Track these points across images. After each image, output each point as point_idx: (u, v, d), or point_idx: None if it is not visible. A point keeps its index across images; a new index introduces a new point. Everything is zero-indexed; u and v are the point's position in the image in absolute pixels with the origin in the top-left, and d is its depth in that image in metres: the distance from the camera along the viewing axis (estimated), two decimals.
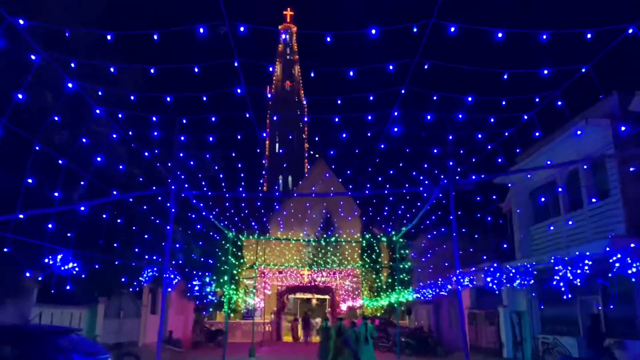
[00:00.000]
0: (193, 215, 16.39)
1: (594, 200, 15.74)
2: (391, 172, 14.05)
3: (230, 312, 41.31)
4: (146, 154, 11.68)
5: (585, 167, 15.57)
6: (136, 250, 16.18)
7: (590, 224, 16.03)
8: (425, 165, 12.76)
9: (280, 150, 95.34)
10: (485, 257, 24.91)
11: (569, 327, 17.90)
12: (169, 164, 10.43)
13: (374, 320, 32.06)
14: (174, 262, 16.56)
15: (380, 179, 16.24)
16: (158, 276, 14.40)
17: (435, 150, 10.70)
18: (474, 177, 10.12)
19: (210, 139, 11.85)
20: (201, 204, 13.21)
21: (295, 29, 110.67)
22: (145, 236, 14.05)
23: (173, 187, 9.91)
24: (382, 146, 10.94)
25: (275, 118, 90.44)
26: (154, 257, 13.42)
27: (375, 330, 17.28)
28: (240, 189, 12.06)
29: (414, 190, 10.41)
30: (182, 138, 10.82)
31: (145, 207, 13.77)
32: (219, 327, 34.40)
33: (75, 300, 18.49)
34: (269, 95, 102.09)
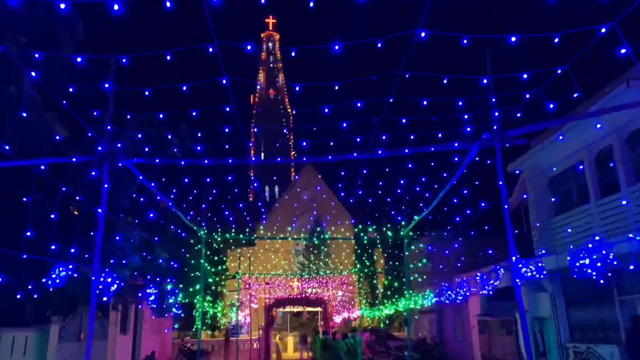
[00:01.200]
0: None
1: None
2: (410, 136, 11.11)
3: (213, 330, 38.20)
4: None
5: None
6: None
7: (633, 209, 13.53)
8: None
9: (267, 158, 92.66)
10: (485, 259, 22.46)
11: (606, 332, 15.31)
12: (107, 127, 7.71)
13: (372, 334, 29.25)
14: (113, 262, 13.58)
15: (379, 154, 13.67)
16: (79, 278, 11.46)
17: (460, 104, 8.08)
18: (526, 126, 7.51)
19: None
20: (153, 184, 10.42)
21: (278, 37, 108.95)
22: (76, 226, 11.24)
23: (101, 149, 7.21)
24: (391, 100, 8.38)
25: (255, 130, 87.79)
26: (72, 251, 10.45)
27: (360, 344, 16.85)
28: (206, 160, 9.33)
29: (443, 148, 7.74)
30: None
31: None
32: (202, 346, 31.36)
33: (19, 320, 15.49)
34: (255, 108, 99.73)
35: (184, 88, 8.99)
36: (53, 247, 9.65)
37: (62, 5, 6.16)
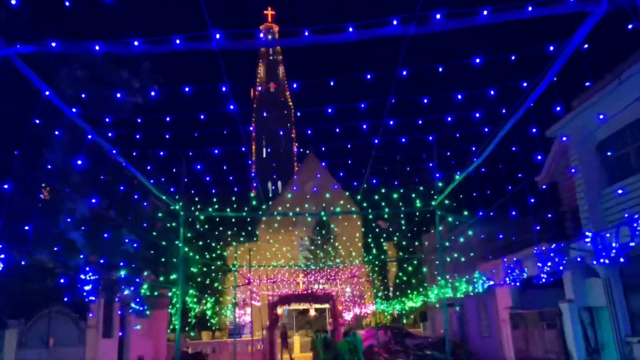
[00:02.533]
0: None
1: None
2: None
3: (214, 330, 35.46)
4: None
5: None
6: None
7: None
8: None
9: (269, 149, 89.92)
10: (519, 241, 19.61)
11: None
12: None
13: (386, 331, 26.42)
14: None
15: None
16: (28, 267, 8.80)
17: None
18: None
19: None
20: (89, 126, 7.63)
21: (278, 29, 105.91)
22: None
23: None
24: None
25: (251, 129, 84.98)
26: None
27: (361, 342, 15.78)
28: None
29: (548, 12, 4.92)
30: None
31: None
32: (200, 349, 28.64)
33: None
34: (257, 100, 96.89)
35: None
36: None
37: None
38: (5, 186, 6.88)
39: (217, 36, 6.53)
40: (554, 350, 16.59)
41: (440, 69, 8.04)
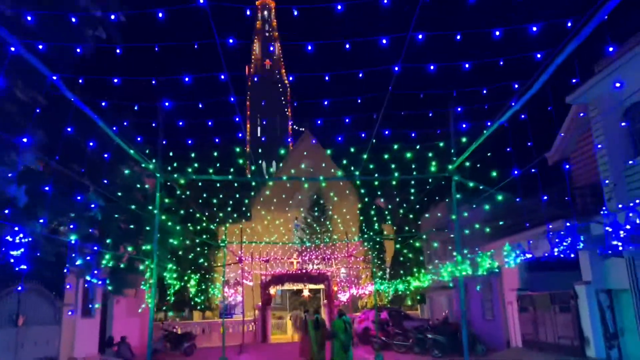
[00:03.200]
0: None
1: None
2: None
3: (200, 309, 34.29)
4: None
5: None
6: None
7: None
8: None
9: (263, 138, 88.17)
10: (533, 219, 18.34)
11: None
12: None
13: (394, 313, 25.24)
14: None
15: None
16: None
17: None
18: None
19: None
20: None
21: (274, 4, 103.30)
22: None
23: None
24: None
25: (243, 104, 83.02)
26: None
27: (350, 325, 15.70)
28: None
29: None
30: None
31: None
32: (190, 329, 27.44)
33: None
34: (252, 78, 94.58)
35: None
36: None
37: None
38: None
39: None
40: (568, 335, 15.43)
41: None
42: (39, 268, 11.04)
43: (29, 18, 6.86)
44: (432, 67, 10.22)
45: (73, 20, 8.28)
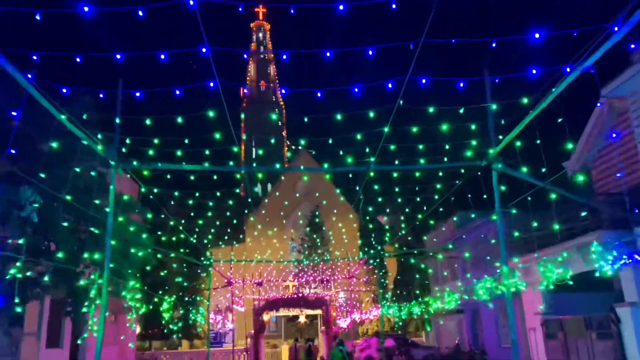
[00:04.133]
0: None
1: None
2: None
3: (182, 338, 31.73)
4: None
5: None
6: None
7: None
8: None
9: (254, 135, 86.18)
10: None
11: None
12: None
13: (400, 340, 22.96)
14: None
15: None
16: None
17: None
18: None
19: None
20: None
21: (269, 27, 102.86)
22: None
23: None
24: None
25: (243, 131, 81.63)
26: None
27: (348, 354, 15.22)
28: None
29: None
30: None
31: None
32: (159, 357, 24.86)
33: None
34: (244, 102, 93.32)
35: None
36: None
37: None
38: None
39: None
40: None
41: None
42: None
43: None
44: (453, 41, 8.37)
45: None
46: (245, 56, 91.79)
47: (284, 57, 7.81)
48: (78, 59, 8.51)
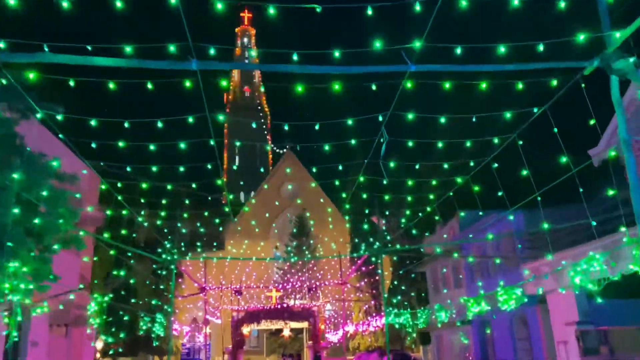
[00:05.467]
0: None
1: None
2: None
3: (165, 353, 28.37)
4: None
5: None
6: None
7: None
8: None
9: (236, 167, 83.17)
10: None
11: None
12: None
13: (400, 357, 20.04)
14: None
15: None
16: None
17: None
18: None
19: None
20: None
21: (254, 32, 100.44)
22: None
23: None
24: None
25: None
26: None
27: None
28: None
29: None
30: None
31: None
32: None
33: None
34: (228, 107, 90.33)
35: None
36: None
37: None
38: None
39: None
40: None
41: None
42: None
43: None
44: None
45: None
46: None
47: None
48: None
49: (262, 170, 68.42)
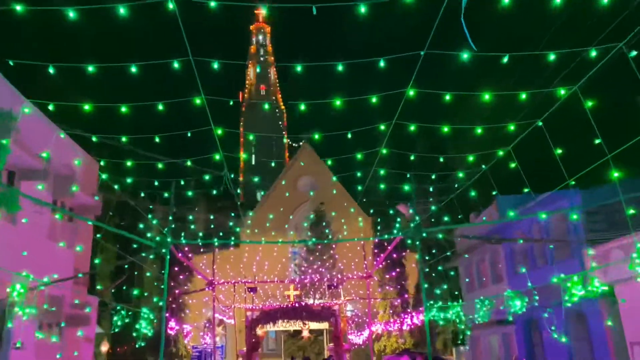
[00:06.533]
0: None
1: None
2: None
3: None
4: None
5: None
6: None
7: None
8: None
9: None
10: None
11: None
12: None
13: (416, 357, 17.65)
14: None
15: None
16: None
17: None
18: None
19: None
20: None
21: (270, 29, 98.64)
22: None
23: None
24: None
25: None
26: None
27: None
28: None
29: None
30: None
31: None
32: None
33: None
34: (244, 106, 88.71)
35: None
36: None
37: None
38: None
39: None
40: None
41: None
42: None
43: None
44: None
45: None
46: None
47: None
48: None
49: (275, 165, 66.61)
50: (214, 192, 17.02)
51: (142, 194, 16.26)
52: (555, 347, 16.29)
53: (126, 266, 17.03)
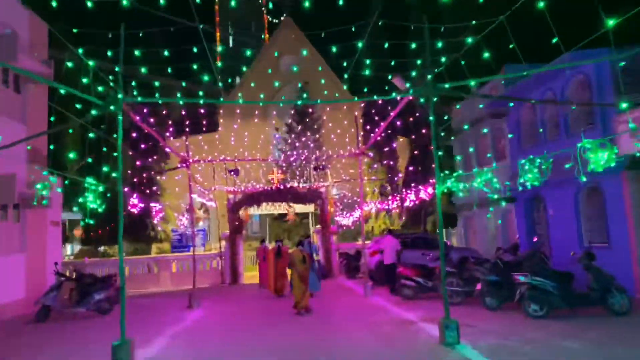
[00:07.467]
0: None
1: None
2: None
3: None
4: None
5: None
6: None
7: None
8: None
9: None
10: None
11: None
12: None
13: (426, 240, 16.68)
14: None
15: None
16: None
17: None
18: None
19: None
20: None
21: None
22: None
23: None
24: None
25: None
26: None
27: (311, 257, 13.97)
28: None
29: None
30: None
31: None
32: (111, 271, 18.06)
33: None
34: None
35: None
36: None
37: None
38: None
39: None
40: None
41: None
42: None
43: None
44: None
45: None
46: None
47: None
48: None
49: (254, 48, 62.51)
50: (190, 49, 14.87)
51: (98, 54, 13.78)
52: (562, 225, 15.15)
53: (91, 135, 14.90)
